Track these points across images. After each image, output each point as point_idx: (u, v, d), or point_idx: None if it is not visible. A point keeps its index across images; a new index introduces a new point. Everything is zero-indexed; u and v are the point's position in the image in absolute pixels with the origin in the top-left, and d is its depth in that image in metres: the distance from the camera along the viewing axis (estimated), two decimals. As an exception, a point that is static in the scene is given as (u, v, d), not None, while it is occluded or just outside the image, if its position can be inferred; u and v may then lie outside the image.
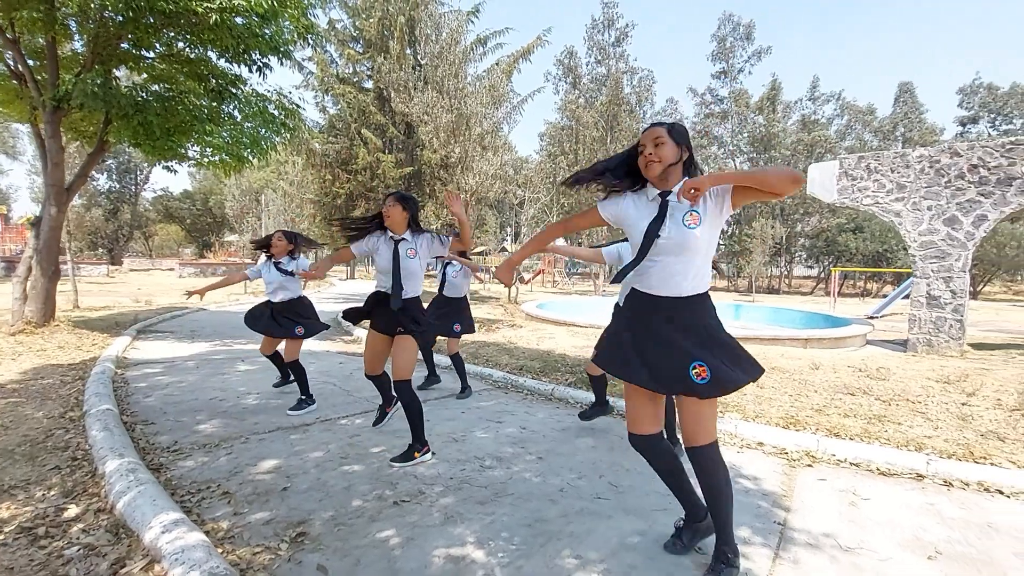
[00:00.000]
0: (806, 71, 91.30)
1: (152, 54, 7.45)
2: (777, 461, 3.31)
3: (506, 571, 2.03)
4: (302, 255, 4.63)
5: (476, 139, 9.04)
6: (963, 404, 4.56)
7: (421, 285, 3.33)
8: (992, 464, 3.11)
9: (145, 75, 7.61)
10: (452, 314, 4.94)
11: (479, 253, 38.88)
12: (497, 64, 13.39)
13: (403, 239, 3.20)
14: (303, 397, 4.28)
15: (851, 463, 3.25)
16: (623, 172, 2.06)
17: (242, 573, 1.94)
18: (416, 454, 3.15)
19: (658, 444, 2.10)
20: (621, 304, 2.51)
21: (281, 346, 4.53)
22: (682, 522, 2.22)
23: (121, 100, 6.39)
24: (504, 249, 37.52)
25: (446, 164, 9.31)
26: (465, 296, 5.12)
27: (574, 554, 2.17)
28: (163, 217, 47.23)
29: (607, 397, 4.02)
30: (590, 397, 4.62)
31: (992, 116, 35.46)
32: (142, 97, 6.78)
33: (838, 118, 35.57)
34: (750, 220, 31.36)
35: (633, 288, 2.10)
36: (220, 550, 2.06)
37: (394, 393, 3.51)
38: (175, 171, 7.95)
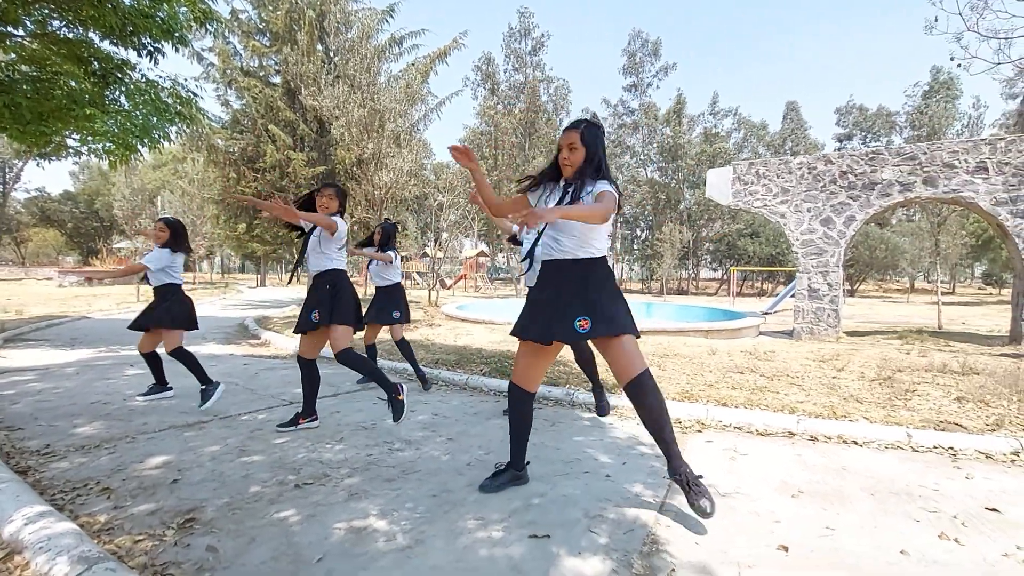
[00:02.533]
0: (707, 87, 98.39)
1: (22, 32, 6.71)
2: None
3: (408, 536, 2.05)
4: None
5: (390, 136, 8.91)
6: (833, 377, 5.13)
7: (329, 262, 3.41)
8: (850, 421, 3.54)
9: (13, 55, 6.83)
10: (389, 303, 4.91)
11: (401, 259, 38.13)
12: (413, 64, 13.30)
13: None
14: (204, 387, 4.06)
15: (735, 427, 3.57)
16: (552, 173, 2.48)
17: (120, 560, 1.81)
18: (399, 397, 3.36)
19: (529, 402, 2.52)
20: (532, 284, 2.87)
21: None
22: (503, 466, 2.60)
23: (-19, 79, 5.71)
24: (426, 254, 37.07)
25: (360, 161, 9.10)
26: (399, 283, 5.07)
27: (476, 517, 2.23)
28: (39, 220, 42.21)
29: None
30: (504, 385, 4.72)
31: (863, 134, 40.05)
32: (8, 76, 6.09)
33: (736, 132, 38.67)
34: (660, 226, 33.20)
35: (542, 262, 2.47)
36: (96, 540, 1.91)
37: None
38: (48, 159, 7.16)
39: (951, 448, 3.15)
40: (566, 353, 5.65)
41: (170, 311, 4.16)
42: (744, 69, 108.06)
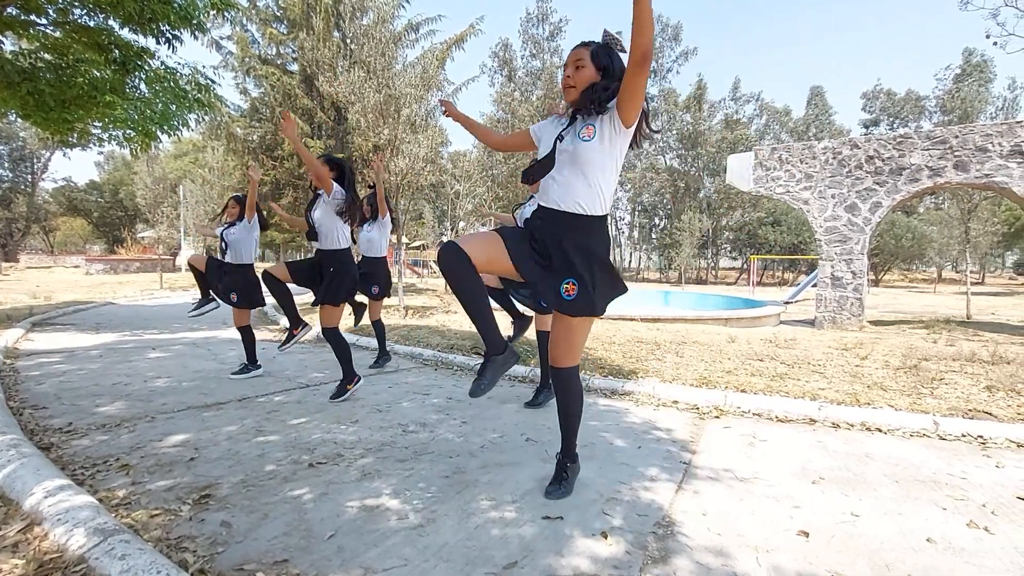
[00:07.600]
0: (728, 72, 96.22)
1: (44, 20, 6.80)
2: (689, 415, 3.51)
3: (420, 515, 2.04)
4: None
5: (406, 121, 8.87)
6: (856, 365, 5.00)
7: (337, 239, 3.72)
8: (874, 408, 3.44)
9: (36, 43, 6.93)
10: (370, 276, 4.99)
11: (418, 247, 38.25)
12: (429, 50, 13.20)
13: (320, 193, 3.66)
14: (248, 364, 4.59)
15: (754, 413, 3.50)
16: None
17: (136, 533, 1.83)
18: (348, 387, 3.73)
19: (471, 274, 1.98)
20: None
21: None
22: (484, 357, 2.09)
23: (6, 66, 5.80)
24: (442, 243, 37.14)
25: (376, 148, 9.08)
26: (384, 257, 5.12)
27: (489, 497, 2.21)
28: (66, 210, 43.13)
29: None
30: (519, 372, 4.69)
31: (891, 119, 38.86)
32: (32, 64, 6.18)
33: (758, 118, 37.81)
34: (679, 214, 32.75)
35: (539, 204, 2.16)
36: (113, 514, 1.94)
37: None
38: (72, 147, 7.28)
39: (980, 437, 3.04)
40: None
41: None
42: (767, 54, 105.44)
